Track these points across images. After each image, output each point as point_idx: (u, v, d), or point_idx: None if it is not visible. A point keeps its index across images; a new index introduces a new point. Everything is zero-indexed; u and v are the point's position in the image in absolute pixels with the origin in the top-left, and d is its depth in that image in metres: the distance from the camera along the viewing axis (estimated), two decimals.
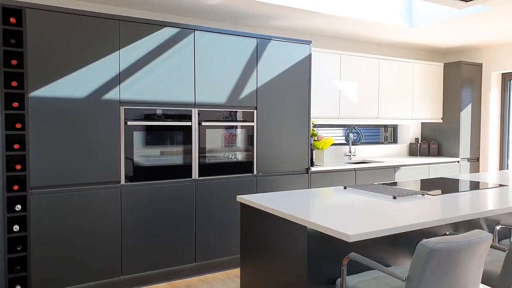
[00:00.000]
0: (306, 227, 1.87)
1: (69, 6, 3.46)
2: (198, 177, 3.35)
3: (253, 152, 3.60)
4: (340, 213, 2.00)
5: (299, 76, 3.84)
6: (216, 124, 3.42)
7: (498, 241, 2.47)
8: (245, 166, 3.57)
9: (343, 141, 5.12)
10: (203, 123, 3.35)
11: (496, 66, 5.26)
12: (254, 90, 3.59)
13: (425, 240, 1.53)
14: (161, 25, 3.15)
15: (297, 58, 3.82)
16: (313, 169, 3.98)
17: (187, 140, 3.29)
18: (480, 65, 5.38)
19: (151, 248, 3.16)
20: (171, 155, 3.23)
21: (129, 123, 3.04)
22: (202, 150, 3.36)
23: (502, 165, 5.40)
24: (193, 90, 3.30)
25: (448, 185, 2.92)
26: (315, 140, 4.16)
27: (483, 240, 1.62)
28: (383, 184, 2.95)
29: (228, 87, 3.46)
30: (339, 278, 1.89)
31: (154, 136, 3.15)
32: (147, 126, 3.12)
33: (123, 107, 3.02)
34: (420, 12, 4.28)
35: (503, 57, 5.18)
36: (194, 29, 3.29)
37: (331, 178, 4.10)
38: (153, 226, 3.17)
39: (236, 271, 3.51)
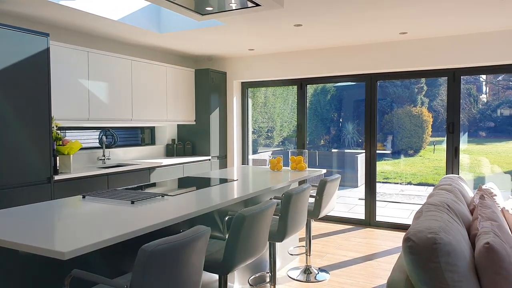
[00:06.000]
0: (18, 250, 1.59)
1: None
2: None
3: None
4: (66, 227, 1.81)
5: (36, 72, 3.35)
6: None
7: (228, 230, 2.80)
8: None
9: (98, 145, 4.82)
10: None
11: (237, 76, 6.08)
12: None
13: (145, 244, 1.54)
14: None
15: (31, 51, 3.32)
16: (57, 177, 3.55)
17: None
18: (224, 74, 6.09)
19: None
20: None
21: None
22: None
23: (244, 161, 6.31)
24: None
25: (192, 184, 3.13)
26: (60, 145, 3.73)
27: (201, 235, 1.76)
28: (136, 187, 2.90)
29: None
30: None
31: None
32: None
33: None
34: (168, 19, 4.46)
35: (242, 68, 6.03)
36: None
37: (80, 186, 3.77)
38: None
39: None
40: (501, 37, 4.38)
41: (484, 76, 6.54)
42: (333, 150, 7.23)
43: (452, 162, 4.84)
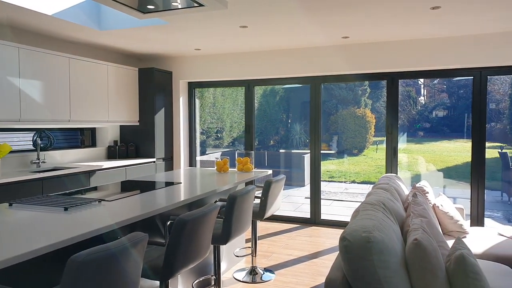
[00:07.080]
0: None
1: None
2: None
3: None
4: None
5: None
6: None
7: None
8: None
9: (32, 147, 4.50)
10: None
11: (183, 75, 5.97)
12: None
13: (75, 254, 1.45)
14: None
15: None
16: None
17: None
18: (170, 73, 5.95)
19: None
20: None
21: None
22: None
23: (191, 163, 6.20)
24: None
25: (134, 187, 3.01)
26: None
27: (137, 242, 1.68)
28: (74, 192, 2.74)
29: None
30: None
31: None
32: None
33: None
34: (109, 16, 4.27)
35: (188, 68, 5.93)
36: None
37: (10, 192, 3.50)
38: None
39: None
40: (433, 44, 4.67)
41: (422, 80, 6.96)
42: (281, 151, 7.34)
43: (391, 161, 5.09)
